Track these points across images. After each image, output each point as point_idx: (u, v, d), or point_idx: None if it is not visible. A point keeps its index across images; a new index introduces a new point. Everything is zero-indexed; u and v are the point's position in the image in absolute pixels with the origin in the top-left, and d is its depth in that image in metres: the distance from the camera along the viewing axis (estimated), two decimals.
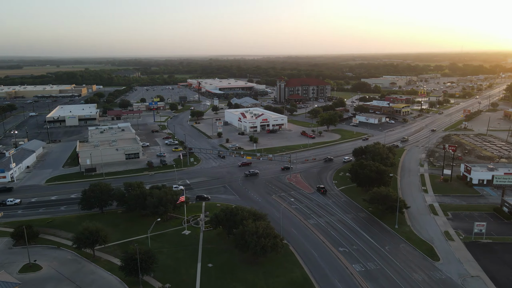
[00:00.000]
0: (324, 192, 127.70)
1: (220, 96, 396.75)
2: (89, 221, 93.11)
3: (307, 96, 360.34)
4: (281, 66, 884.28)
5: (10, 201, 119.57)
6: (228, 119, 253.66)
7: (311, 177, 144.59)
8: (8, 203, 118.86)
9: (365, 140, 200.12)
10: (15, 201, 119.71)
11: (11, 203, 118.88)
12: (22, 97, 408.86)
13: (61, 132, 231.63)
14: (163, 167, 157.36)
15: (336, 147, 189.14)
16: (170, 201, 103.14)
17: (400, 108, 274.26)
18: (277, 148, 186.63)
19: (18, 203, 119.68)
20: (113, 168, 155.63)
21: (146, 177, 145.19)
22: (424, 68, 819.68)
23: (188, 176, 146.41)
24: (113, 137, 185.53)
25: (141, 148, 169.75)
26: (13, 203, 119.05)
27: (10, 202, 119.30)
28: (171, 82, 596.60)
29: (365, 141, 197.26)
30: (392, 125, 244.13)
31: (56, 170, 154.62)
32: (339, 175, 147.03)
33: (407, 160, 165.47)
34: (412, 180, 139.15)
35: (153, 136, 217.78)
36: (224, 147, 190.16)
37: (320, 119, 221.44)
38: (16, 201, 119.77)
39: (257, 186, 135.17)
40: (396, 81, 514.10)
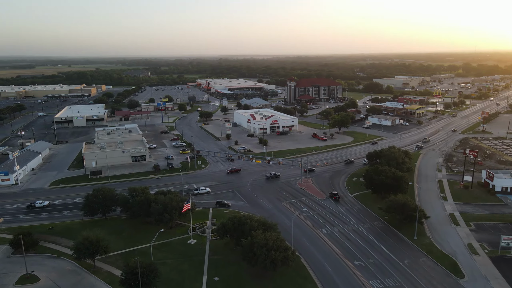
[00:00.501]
0: (337, 199, 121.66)
1: (229, 96, 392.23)
2: (89, 229, 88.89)
3: (318, 96, 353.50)
4: (291, 66, 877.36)
5: (39, 203, 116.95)
6: (237, 120, 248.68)
7: (323, 182, 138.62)
8: (37, 205, 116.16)
9: (373, 144, 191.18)
10: (44, 203, 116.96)
11: (40, 205, 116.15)
12: (32, 97, 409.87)
13: (68, 133, 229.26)
14: (170, 170, 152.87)
15: (348, 150, 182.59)
16: (175, 208, 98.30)
17: (414, 109, 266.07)
18: (287, 151, 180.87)
19: (47, 205, 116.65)
20: (118, 171, 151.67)
21: (153, 181, 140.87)
22: (437, 68, 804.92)
23: (195, 180, 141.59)
24: (119, 138, 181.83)
25: (147, 151, 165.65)
26: (42, 205, 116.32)
27: (39, 204, 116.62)
28: (180, 82, 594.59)
29: (374, 145, 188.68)
30: (406, 127, 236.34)
31: (61, 173, 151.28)
32: (352, 180, 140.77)
33: (424, 164, 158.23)
34: (430, 187, 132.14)
35: (160, 137, 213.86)
36: (233, 149, 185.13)
37: (332, 121, 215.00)
38: (45, 203, 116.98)
39: (267, 192, 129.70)
40: (409, 82, 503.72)
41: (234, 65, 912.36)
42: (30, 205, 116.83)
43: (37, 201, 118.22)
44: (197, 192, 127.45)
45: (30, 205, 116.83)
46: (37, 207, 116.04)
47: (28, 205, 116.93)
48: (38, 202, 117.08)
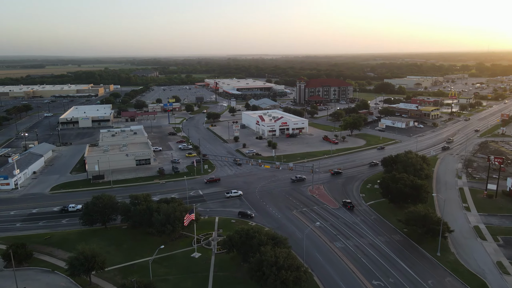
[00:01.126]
0: (351, 208, 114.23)
1: (237, 96, 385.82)
2: (87, 240, 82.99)
3: (328, 97, 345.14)
4: (300, 66, 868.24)
5: (72, 207, 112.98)
6: (246, 121, 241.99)
7: (335, 189, 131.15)
8: (70, 209, 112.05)
9: (380, 149, 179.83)
10: (77, 207, 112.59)
11: (73, 209, 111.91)
12: (40, 97, 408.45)
13: (73, 134, 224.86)
14: (175, 175, 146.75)
15: (361, 154, 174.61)
16: (178, 219, 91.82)
17: (429, 111, 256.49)
18: (298, 154, 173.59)
19: (80, 209, 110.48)
20: (122, 175, 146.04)
21: (157, 186, 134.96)
22: (450, 68, 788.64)
23: (201, 186, 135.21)
24: (124, 140, 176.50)
25: (152, 154, 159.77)
26: (75, 209, 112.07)
27: (72, 208, 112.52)
28: (188, 82, 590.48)
29: (381, 150, 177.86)
30: (421, 129, 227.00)
31: (63, 177, 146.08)
32: (366, 187, 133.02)
33: (442, 170, 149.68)
34: (451, 196, 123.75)
35: (167, 139, 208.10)
36: (240, 152, 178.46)
37: (344, 123, 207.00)
38: (78, 207, 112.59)
39: (276, 199, 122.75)
40: (421, 82, 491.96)
41: (243, 65, 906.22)
42: (63, 209, 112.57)
43: (70, 204, 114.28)
44: (229, 195, 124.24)
45: (63, 209, 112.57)
46: (70, 211, 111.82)
47: (61, 209, 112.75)
48: (71, 206, 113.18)
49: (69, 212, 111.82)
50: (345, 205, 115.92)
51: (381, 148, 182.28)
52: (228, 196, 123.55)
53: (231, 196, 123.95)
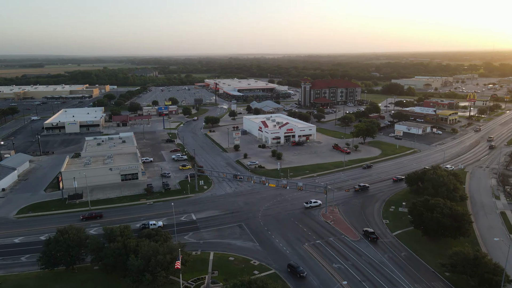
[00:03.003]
0: (374, 239, 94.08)
1: (238, 98, 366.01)
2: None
3: (335, 99, 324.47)
4: (303, 66, 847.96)
5: (152, 224, 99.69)
6: (247, 127, 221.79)
7: (352, 213, 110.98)
8: (150, 226, 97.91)
9: (366, 168, 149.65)
10: (159, 224, 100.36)
11: (154, 227, 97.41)
12: (31, 98, 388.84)
13: (58, 141, 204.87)
14: (166, 193, 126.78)
15: (378, 167, 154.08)
16: (161, 264, 71.78)
17: (446, 115, 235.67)
18: (306, 167, 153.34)
19: (162, 226, 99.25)
20: (103, 193, 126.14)
21: (142, 209, 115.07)
22: (457, 67, 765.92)
23: (195, 208, 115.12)
24: (110, 151, 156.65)
25: (140, 168, 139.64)
26: (156, 226, 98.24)
27: (153, 225, 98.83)
28: (188, 82, 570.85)
29: (367, 169, 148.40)
30: (440, 136, 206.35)
31: (36, 195, 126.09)
32: (389, 210, 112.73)
33: (474, 188, 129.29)
34: (493, 223, 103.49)
35: (160, 147, 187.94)
36: (241, 164, 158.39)
37: (356, 130, 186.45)
38: (159, 224, 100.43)
39: (283, 227, 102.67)
40: (431, 83, 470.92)
41: (244, 65, 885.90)
42: (143, 227, 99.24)
43: (150, 221, 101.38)
44: (309, 206, 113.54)
45: (143, 227, 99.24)
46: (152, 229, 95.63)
47: (142, 227, 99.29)
48: (152, 223, 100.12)
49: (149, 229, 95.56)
50: (367, 236, 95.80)
51: (367, 166, 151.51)
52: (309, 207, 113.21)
53: (311, 206, 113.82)
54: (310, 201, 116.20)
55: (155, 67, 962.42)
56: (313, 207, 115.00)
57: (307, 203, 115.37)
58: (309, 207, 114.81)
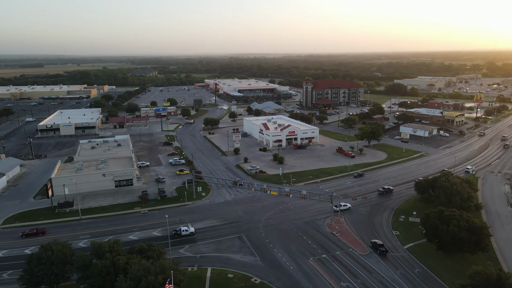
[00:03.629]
0: (383, 252, 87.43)
1: (238, 98, 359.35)
2: None
3: (337, 100, 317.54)
4: (304, 66, 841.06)
5: (184, 230, 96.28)
6: (247, 129, 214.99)
7: (360, 223, 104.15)
8: (183, 232, 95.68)
9: (358, 177, 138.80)
10: (190, 230, 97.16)
11: (186, 233, 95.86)
12: (28, 99, 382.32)
13: (52, 144, 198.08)
14: (161, 201, 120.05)
15: (384, 172, 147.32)
16: (152, 286, 64.94)
17: (453, 117, 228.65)
18: (309, 172, 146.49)
19: (193, 233, 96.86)
20: (96, 201, 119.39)
21: (136, 218, 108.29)
22: (460, 67, 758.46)
23: (192, 217, 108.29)
24: (104, 155, 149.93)
25: (135, 173, 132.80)
26: (188, 233, 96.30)
27: (185, 231, 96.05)
28: (187, 82, 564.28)
29: (358, 178, 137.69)
30: (447, 139, 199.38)
31: (24, 203, 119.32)
32: (399, 220, 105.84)
33: (488, 195, 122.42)
34: (511, 235, 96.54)
35: (157, 151, 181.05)
36: (241, 169, 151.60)
37: (361, 133, 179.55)
38: (191, 230, 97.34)
39: (286, 238, 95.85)
40: (434, 83, 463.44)
41: (245, 64, 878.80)
42: (175, 233, 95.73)
43: (182, 227, 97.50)
44: (338, 209, 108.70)
45: (175, 233, 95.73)
46: (183, 235, 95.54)
47: (174, 233, 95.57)
48: (184, 229, 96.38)
49: (182, 236, 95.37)
50: (376, 248, 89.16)
51: (358, 175, 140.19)
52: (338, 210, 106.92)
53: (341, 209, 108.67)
54: (340, 205, 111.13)
55: (155, 67, 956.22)
56: (342, 211, 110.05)
57: (337, 206, 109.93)
58: (339, 211, 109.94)
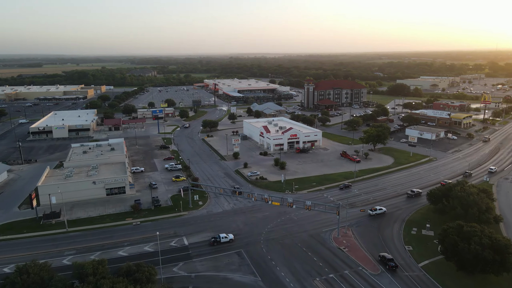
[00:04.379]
0: (393, 268, 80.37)
1: (238, 99, 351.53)
2: None
3: (340, 101, 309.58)
4: (304, 65, 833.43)
5: (224, 237, 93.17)
6: (247, 132, 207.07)
7: (369, 237, 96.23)
8: (222, 240, 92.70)
9: (343, 188, 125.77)
10: (230, 237, 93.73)
11: (225, 239, 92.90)
12: (23, 99, 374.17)
13: (44, 147, 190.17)
14: (155, 211, 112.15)
15: (391, 178, 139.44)
16: None
17: (460, 119, 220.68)
18: (312, 178, 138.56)
19: (233, 239, 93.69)
20: (85, 211, 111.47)
21: (127, 231, 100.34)
22: (462, 67, 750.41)
23: (187, 230, 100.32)
24: (96, 160, 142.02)
25: (128, 180, 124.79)
26: (228, 239, 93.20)
27: (225, 238, 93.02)
28: (186, 82, 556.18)
29: (345, 190, 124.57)
30: (455, 142, 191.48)
31: (8, 213, 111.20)
32: (411, 233, 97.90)
33: (504, 205, 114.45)
34: None
35: (153, 155, 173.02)
36: (241, 175, 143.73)
37: (366, 136, 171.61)
38: (230, 237, 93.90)
39: (289, 255, 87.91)
40: (437, 83, 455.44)
41: (245, 64, 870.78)
42: (214, 240, 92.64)
43: (221, 234, 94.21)
44: (374, 213, 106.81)
45: (214, 240, 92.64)
46: (222, 243, 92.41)
47: (213, 240, 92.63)
48: (223, 237, 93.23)
49: (221, 243, 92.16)
50: (384, 263, 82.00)
51: (344, 187, 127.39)
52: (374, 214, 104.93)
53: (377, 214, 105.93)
54: (375, 208, 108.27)
55: (154, 66, 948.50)
56: (378, 215, 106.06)
57: (372, 210, 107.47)
58: (374, 215, 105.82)
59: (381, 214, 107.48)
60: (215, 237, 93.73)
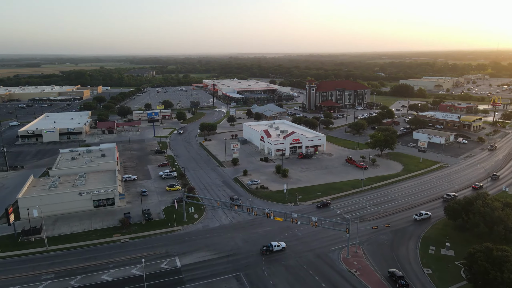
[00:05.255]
0: (404, 287, 71.60)
1: (238, 100, 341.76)
2: None
3: (343, 102, 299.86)
4: (305, 65, 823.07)
5: (276, 245, 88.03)
6: (247, 135, 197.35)
7: (382, 257, 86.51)
8: (275, 249, 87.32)
9: (321, 207, 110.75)
10: (282, 245, 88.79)
11: (278, 248, 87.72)
12: (17, 100, 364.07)
13: (32, 152, 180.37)
14: (146, 225, 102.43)
15: (402, 188, 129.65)
16: None
17: (470, 121, 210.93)
18: (317, 187, 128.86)
19: (285, 248, 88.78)
20: (68, 226, 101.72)
21: (114, 248, 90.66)
22: (465, 67, 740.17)
23: (180, 249, 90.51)
24: (85, 167, 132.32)
25: (117, 191, 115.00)
26: (280, 248, 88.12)
27: (277, 247, 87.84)
28: (185, 82, 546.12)
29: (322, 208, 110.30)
30: (466, 146, 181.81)
31: None
32: (429, 252, 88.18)
33: None
34: None
35: (147, 161, 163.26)
36: (240, 183, 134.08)
37: (373, 141, 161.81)
38: (283, 245, 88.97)
39: (294, 279, 78.26)
40: (441, 83, 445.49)
41: (245, 64, 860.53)
42: (267, 249, 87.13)
43: (274, 242, 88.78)
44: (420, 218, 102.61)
45: (267, 249, 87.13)
46: (275, 251, 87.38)
47: (265, 249, 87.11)
48: (275, 245, 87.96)
49: (274, 252, 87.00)
50: (394, 281, 74.41)
51: (322, 205, 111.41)
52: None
53: None
54: (420, 213, 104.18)
55: (153, 66, 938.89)
56: (424, 220, 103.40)
57: (418, 215, 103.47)
58: (421, 220, 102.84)
59: (426, 219, 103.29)
60: (267, 245, 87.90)
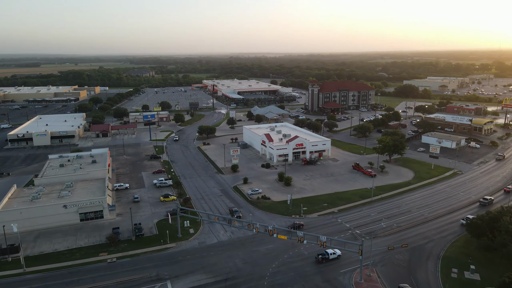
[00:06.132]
0: None
1: (238, 101, 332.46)
2: None
3: (346, 103, 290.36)
4: (306, 65, 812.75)
5: (332, 253, 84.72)
6: (248, 139, 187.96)
7: (398, 280, 77.12)
8: (331, 257, 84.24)
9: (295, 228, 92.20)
10: (338, 253, 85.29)
11: (334, 256, 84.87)
12: (12, 101, 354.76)
13: (21, 157, 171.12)
14: (136, 242, 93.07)
15: (414, 198, 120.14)
16: None
17: (481, 124, 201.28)
18: (322, 197, 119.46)
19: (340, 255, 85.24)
20: (51, 243, 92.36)
21: (99, 271, 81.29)
22: (468, 67, 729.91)
23: (173, 271, 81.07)
24: (73, 175, 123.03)
25: (106, 203, 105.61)
26: (336, 255, 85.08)
27: (333, 254, 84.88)
28: (184, 83, 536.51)
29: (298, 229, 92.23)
30: (478, 151, 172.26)
31: None
32: (451, 275, 78.74)
33: None
34: None
35: (141, 167, 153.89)
36: (240, 192, 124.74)
37: (381, 146, 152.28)
38: (338, 253, 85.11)
39: None
40: (446, 84, 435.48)
41: (245, 64, 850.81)
42: (323, 257, 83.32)
43: (329, 250, 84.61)
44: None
45: (323, 257, 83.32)
46: (331, 259, 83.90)
47: (321, 257, 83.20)
48: (331, 253, 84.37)
49: (329, 260, 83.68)
50: None
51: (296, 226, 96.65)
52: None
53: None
54: (468, 217, 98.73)
55: (153, 66, 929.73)
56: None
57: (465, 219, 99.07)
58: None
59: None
60: (322, 253, 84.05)
